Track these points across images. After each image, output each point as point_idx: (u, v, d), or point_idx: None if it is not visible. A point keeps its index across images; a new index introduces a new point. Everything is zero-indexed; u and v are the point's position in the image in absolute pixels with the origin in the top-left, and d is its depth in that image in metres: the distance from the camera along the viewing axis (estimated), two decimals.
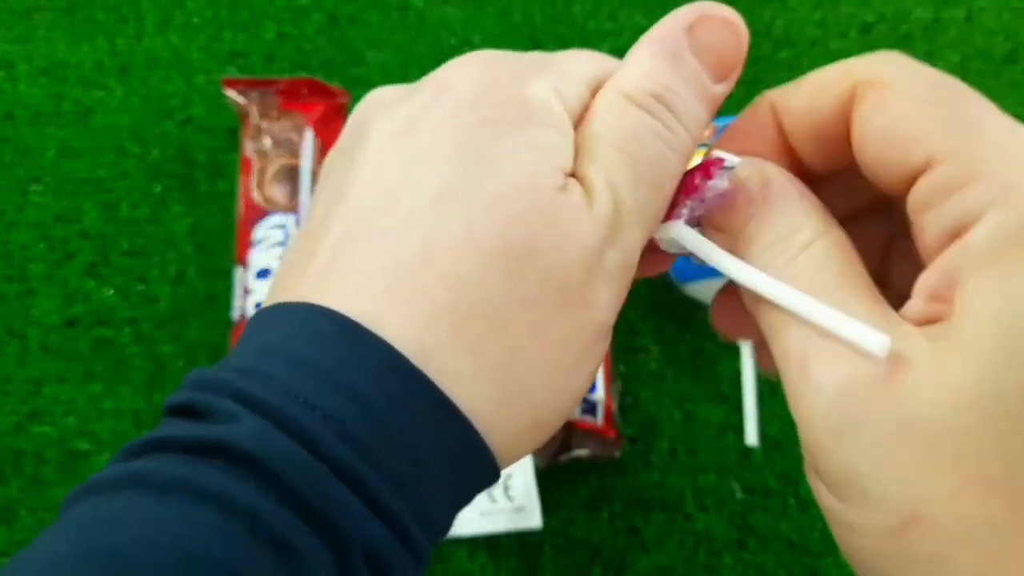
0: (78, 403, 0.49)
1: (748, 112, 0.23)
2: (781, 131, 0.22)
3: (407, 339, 0.18)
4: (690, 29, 0.22)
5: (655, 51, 0.22)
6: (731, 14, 0.22)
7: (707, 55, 0.22)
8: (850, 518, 0.18)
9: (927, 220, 0.18)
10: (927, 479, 0.17)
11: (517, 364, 0.19)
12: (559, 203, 0.20)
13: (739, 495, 0.47)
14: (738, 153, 0.22)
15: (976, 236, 0.17)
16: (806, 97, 0.21)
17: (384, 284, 0.19)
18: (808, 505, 0.47)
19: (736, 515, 0.47)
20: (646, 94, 0.21)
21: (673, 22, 0.22)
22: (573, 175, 0.21)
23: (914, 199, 0.19)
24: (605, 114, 0.21)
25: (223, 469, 0.16)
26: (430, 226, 0.19)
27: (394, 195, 0.20)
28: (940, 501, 0.17)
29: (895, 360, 0.17)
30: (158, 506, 0.16)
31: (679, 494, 0.47)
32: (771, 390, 0.48)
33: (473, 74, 0.21)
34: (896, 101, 0.19)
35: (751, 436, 0.47)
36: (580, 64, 0.23)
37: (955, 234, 0.18)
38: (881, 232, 0.24)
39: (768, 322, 0.20)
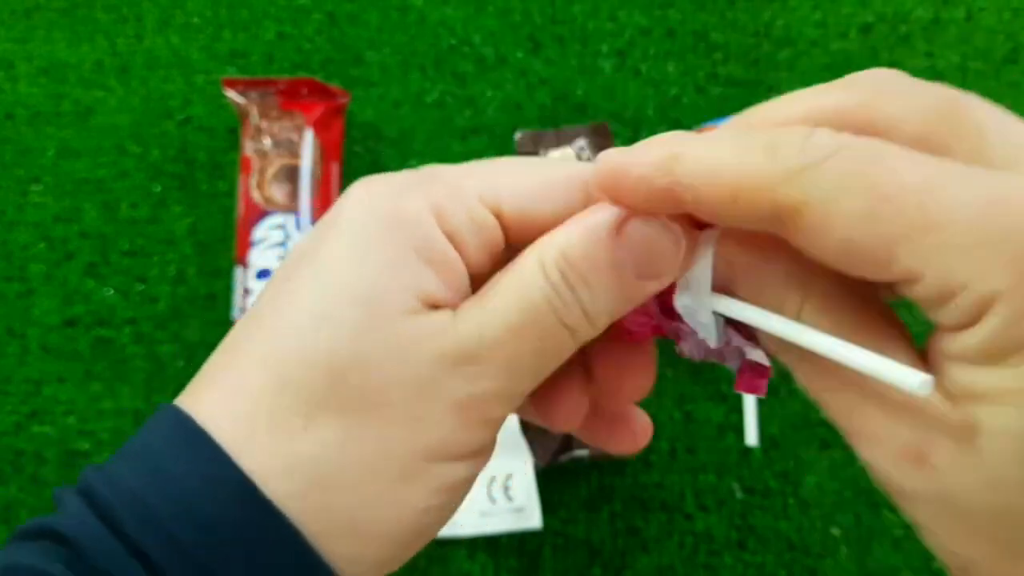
0: (78, 403, 0.49)
1: (644, 164, 0.20)
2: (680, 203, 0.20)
3: (230, 437, 0.20)
4: (623, 220, 0.21)
5: (582, 227, 0.21)
6: (667, 220, 0.20)
7: (637, 249, 0.21)
8: (932, 548, 0.20)
9: (930, 315, 0.18)
10: (971, 544, 0.18)
11: (328, 464, 0.20)
12: (397, 325, 0.20)
13: (739, 495, 0.47)
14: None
15: (978, 336, 0.17)
16: (718, 210, 0.19)
17: (223, 384, 0.21)
18: (808, 505, 0.47)
19: (736, 515, 0.47)
20: (555, 266, 0.21)
21: (609, 207, 0.21)
22: (447, 306, 0.21)
23: (910, 297, 0.18)
24: (514, 268, 0.21)
25: (46, 550, 0.19)
26: (267, 332, 0.21)
27: (255, 313, 0.21)
28: (985, 562, 0.18)
29: (923, 447, 0.18)
30: None
31: (679, 494, 0.47)
32: (771, 390, 0.48)
33: (356, 200, 0.22)
34: (834, 232, 0.17)
35: (751, 436, 0.47)
36: (474, 179, 0.22)
37: (960, 328, 0.17)
38: None
39: (811, 394, 0.21)
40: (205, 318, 0.50)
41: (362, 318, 0.20)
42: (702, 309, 0.21)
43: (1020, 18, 0.55)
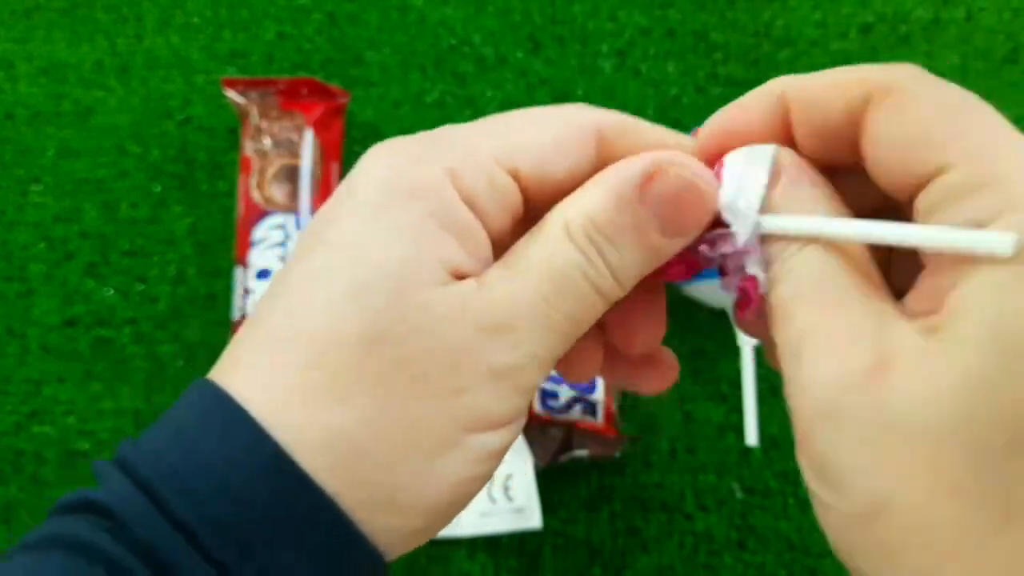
0: (78, 403, 0.49)
1: (758, 92, 0.23)
2: (785, 118, 0.22)
3: (266, 412, 0.20)
4: (647, 176, 0.21)
5: (605, 189, 0.21)
6: (693, 174, 0.21)
7: (662, 206, 0.21)
8: (825, 500, 0.19)
9: (934, 223, 0.19)
10: (897, 475, 0.17)
11: (362, 437, 0.20)
12: (426, 297, 0.20)
13: (739, 495, 0.47)
14: (735, 127, 0.22)
15: None
16: (818, 93, 0.21)
17: (254, 362, 0.21)
18: (808, 505, 0.47)
19: (736, 515, 0.47)
20: (581, 231, 0.21)
21: (631, 166, 0.21)
22: (471, 274, 0.21)
23: (923, 202, 0.19)
24: (540, 234, 0.21)
25: (91, 522, 0.19)
26: (297, 309, 0.21)
27: (279, 292, 0.21)
28: (905, 498, 0.17)
29: (883, 357, 0.18)
30: (36, 562, 0.19)
31: (679, 494, 0.47)
32: (771, 390, 0.48)
33: (371, 170, 0.22)
34: (911, 109, 0.19)
35: (751, 436, 0.47)
36: (489, 140, 0.22)
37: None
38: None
39: (775, 311, 0.21)
40: (205, 318, 0.50)
41: (391, 293, 0.20)
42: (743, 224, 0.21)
43: (1020, 18, 0.55)
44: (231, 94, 0.51)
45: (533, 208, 0.23)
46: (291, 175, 0.50)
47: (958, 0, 0.55)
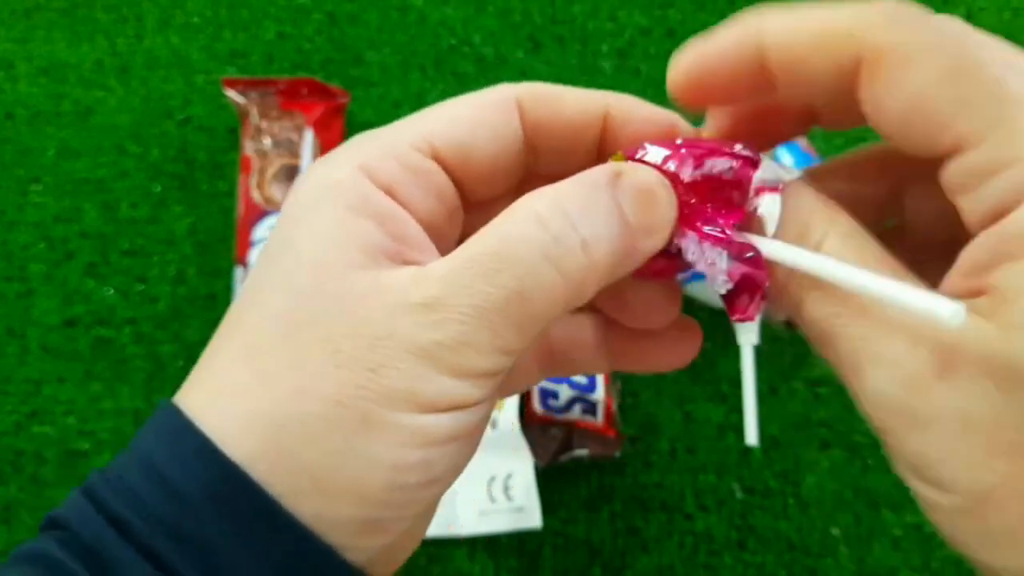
0: (78, 403, 0.49)
1: (733, 39, 0.22)
2: (765, 71, 0.21)
3: (196, 407, 0.20)
4: (617, 172, 0.21)
5: (575, 180, 0.21)
6: (657, 179, 0.21)
7: (633, 195, 0.21)
8: (930, 499, 0.19)
9: (964, 201, 0.18)
10: (994, 463, 0.18)
11: (282, 418, 0.20)
12: (347, 280, 0.20)
13: (739, 495, 0.47)
14: (712, 81, 0.22)
15: (1015, 222, 0.17)
16: (803, 54, 0.20)
17: (199, 370, 0.21)
18: (808, 505, 0.47)
19: (736, 515, 0.47)
20: (552, 208, 0.20)
21: (600, 167, 0.21)
22: (407, 259, 0.21)
23: (947, 180, 0.19)
24: (495, 220, 0.21)
25: (49, 536, 0.20)
26: (234, 313, 0.22)
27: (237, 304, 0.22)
28: (1006, 485, 0.18)
29: (945, 353, 0.18)
30: (7, 570, 0.20)
31: (679, 494, 0.47)
32: (771, 390, 0.48)
33: (300, 184, 0.22)
34: (912, 80, 0.18)
35: (751, 436, 0.47)
36: (405, 129, 0.22)
37: (995, 216, 0.18)
38: (889, 179, 0.24)
39: (814, 332, 0.20)
40: (205, 318, 0.50)
41: (311, 278, 0.20)
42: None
43: (1020, 18, 0.55)
44: (231, 94, 0.51)
45: (471, 191, 0.23)
46: (291, 175, 0.50)
47: (958, 0, 0.55)
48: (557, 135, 0.23)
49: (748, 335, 0.23)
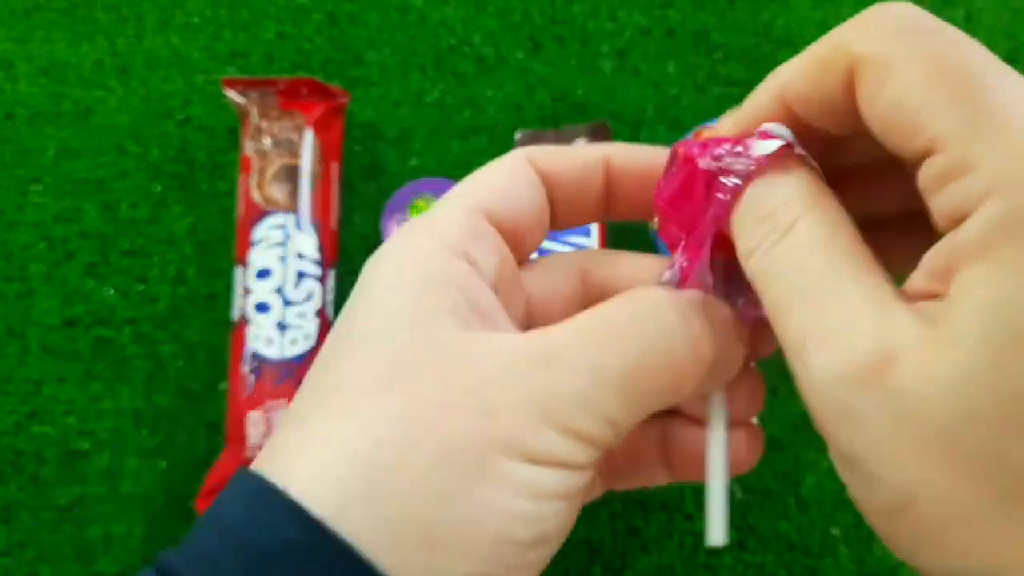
0: (78, 403, 0.49)
1: (755, 102, 0.23)
2: (789, 112, 0.22)
3: (279, 468, 0.19)
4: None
5: (690, 291, 0.23)
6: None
7: (721, 326, 0.23)
8: (858, 493, 0.19)
9: (932, 203, 0.19)
10: (921, 466, 0.17)
11: (386, 461, 0.19)
12: (444, 338, 0.20)
13: (739, 495, 0.47)
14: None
15: (968, 228, 0.17)
16: (811, 80, 0.21)
17: (290, 424, 0.21)
18: (808, 505, 0.47)
19: (736, 515, 0.47)
20: (671, 300, 0.22)
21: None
22: (484, 324, 0.21)
23: (920, 181, 0.19)
24: (623, 297, 0.22)
25: None
26: (321, 369, 0.21)
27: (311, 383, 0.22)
28: (934, 488, 0.17)
29: (886, 350, 0.18)
30: None
31: (679, 494, 0.47)
32: (771, 390, 0.48)
33: (391, 245, 0.23)
34: (893, 85, 0.19)
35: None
36: (464, 187, 0.23)
37: (955, 220, 0.18)
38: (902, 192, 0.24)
39: (769, 308, 0.20)
40: (205, 318, 0.50)
41: (405, 336, 0.20)
42: None
43: (1020, 18, 0.55)
44: (231, 94, 0.51)
45: (515, 251, 0.24)
46: (291, 175, 0.50)
47: (958, 0, 0.55)
48: (570, 184, 0.24)
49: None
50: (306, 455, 0.19)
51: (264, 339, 0.47)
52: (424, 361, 0.20)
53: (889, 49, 0.19)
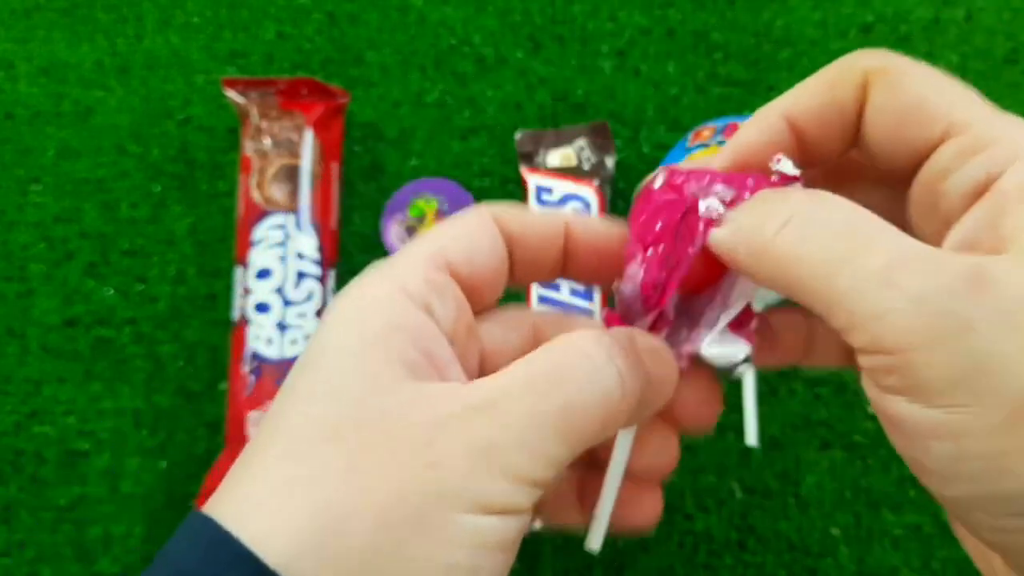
0: (78, 403, 0.49)
1: (757, 127, 0.24)
2: (794, 136, 0.24)
3: (230, 516, 0.20)
4: (630, 337, 0.24)
5: (607, 331, 0.24)
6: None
7: (648, 352, 0.24)
8: (955, 426, 0.18)
9: (948, 184, 0.21)
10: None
11: (335, 517, 0.19)
12: (394, 388, 0.21)
13: (739, 495, 0.47)
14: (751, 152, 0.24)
15: (1007, 180, 0.19)
16: (822, 95, 0.23)
17: (233, 475, 0.21)
18: (808, 505, 0.47)
19: (736, 515, 0.47)
20: (594, 345, 0.22)
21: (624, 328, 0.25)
22: (437, 374, 0.22)
23: (933, 168, 0.21)
24: (549, 346, 0.22)
25: None
26: (275, 415, 0.22)
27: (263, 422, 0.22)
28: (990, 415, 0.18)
29: (980, 266, 0.18)
30: None
31: (679, 494, 0.47)
32: (771, 390, 0.48)
33: (347, 293, 0.23)
34: (908, 82, 0.22)
35: (751, 436, 0.47)
36: (428, 238, 0.24)
37: (980, 191, 0.20)
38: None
39: (817, 265, 0.20)
40: (205, 318, 0.50)
41: (355, 386, 0.20)
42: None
43: (1020, 18, 0.55)
44: (231, 94, 0.51)
45: (472, 302, 0.25)
46: (291, 175, 0.50)
47: (958, 0, 0.55)
48: (531, 245, 0.26)
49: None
50: (257, 507, 0.19)
51: (264, 339, 0.47)
52: (372, 414, 0.20)
53: (898, 60, 0.22)
